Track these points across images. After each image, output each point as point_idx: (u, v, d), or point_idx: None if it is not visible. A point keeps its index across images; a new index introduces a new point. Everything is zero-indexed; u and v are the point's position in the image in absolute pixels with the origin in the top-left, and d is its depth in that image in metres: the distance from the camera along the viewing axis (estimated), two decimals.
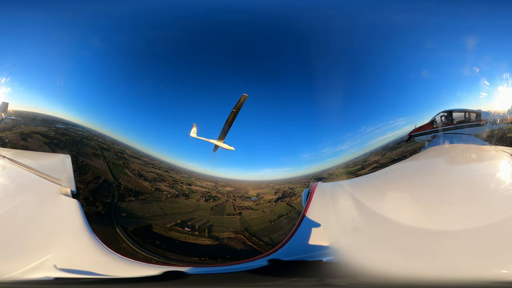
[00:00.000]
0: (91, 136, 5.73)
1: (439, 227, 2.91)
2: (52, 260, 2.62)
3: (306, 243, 3.02)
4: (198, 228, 5.32)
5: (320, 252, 2.88)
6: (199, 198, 5.88)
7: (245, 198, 5.95)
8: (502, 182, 3.58)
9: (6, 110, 5.10)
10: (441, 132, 5.11)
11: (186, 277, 2.84)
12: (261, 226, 5.60)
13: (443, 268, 2.51)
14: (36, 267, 2.55)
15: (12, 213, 3.14)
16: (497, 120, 4.86)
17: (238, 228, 5.45)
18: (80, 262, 2.76)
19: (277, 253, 2.95)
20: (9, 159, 4.15)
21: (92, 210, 4.84)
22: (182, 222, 5.30)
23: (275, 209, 5.91)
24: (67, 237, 3.02)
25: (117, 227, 4.75)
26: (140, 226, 5.00)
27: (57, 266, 2.58)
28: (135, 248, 4.55)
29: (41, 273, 2.53)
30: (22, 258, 2.60)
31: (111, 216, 4.96)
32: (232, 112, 5.22)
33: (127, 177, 5.69)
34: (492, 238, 2.74)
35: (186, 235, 5.15)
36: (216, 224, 5.50)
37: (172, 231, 5.13)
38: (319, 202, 3.55)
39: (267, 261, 2.89)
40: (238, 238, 5.27)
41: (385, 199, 3.61)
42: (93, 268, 2.72)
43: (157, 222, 5.14)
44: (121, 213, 5.12)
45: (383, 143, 5.68)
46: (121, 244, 4.51)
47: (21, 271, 2.49)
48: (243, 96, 5.03)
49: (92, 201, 4.99)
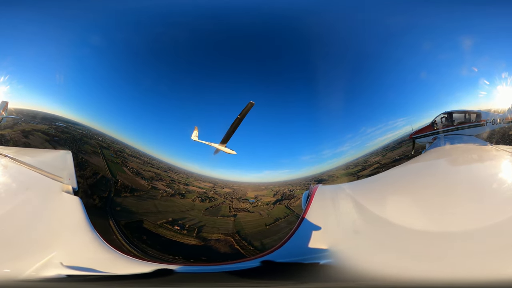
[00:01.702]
0: (91, 134, 5.83)
1: (442, 228, 2.91)
2: (57, 258, 2.66)
3: (303, 245, 3.03)
4: (188, 227, 5.33)
5: (317, 255, 2.86)
6: (195, 198, 5.88)
7: (242, 199, 5.93)
8: (504, 182, 3.56)
9: (6, 109, 5.18)
10: (442, 134, 5.09)
11: (178, 275, 2.84)
12: (255, 230, 5.57)
13: (446, 270, 2.51)
14: (43, 266, 2.59)
15: (14, 211, 3.20)
16: (497, 120, 4.89)
17: (229, 231, 5.43)
18: (84, 260, 2.78)
19: (271, 255, 2.94)
20: (10, 157, 4.20)
21: (90, 202, 4.97)
22: (173, 221, 5.32)
23: (272, 212, 5.88)
24: (71, 235, 3.07)
25: (111, 220, 4.88)
26: (132, 221, 5.10)
27: (64, 264, 2.60)
28: (122, 241, 4.64)
29: (48, 272, 2.57)
30: (27, 257, 2.65)
31: (106, 209, 5.07)
32: (237, 118, 5.27)
33: (124, 175, 5.76)
34: (496, 238, 2.71)
35: (174, 233, 5.19)
36: (208, 225, 5.50)
37: (161, 228, 5.19)
38: (319, 204, 3.57)
39: (260, 262, 2.88)
40: (227, 240, 5.25)
41: (387, 202, 3.61)
42: (97, 265, 2.76)
43: (148, 218, 5.21)
44: (116, 207, 5.22)
45: (383, 143, 5.66)
46: (112, 236, 4.60)
47: (29, 270, 2.53)
48: (250, 103, 5.09)
49: (90, 195, 5.13)
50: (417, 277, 2.51)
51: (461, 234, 2.81)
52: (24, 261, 2.57)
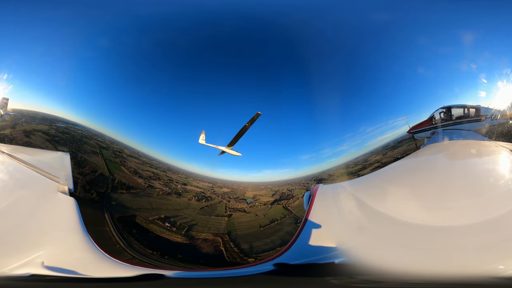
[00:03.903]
0: (90, 135, 5.97)
1: (440, 223, 2.90)
2: (41, 258, 2.70)
3: (313, 245, 3.01)
4: (178, 225, 5.39)
5: (331, 254, 2.87)
6: (191, 197, 5.93)
7: (240, 200, 5.94)
8: (502, 178, 3.56)
9: (6, 107, 5.28)
10: (440, 129, 5.08)
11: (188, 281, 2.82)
12: (248, 231, 5.55)
13: (446, 264, 2.51)
14: (24, 264, 2.63)
15: (8, 209, 3.22)
16: (497, 116, 4.90)
17: (220, 231, 5.43)
18: (69, 260, 2.80)
19: (282, 256, 2.93)
20: (8, 154, 4.26)
21: (87, 196, 5.18)
22: (165, 218, 5.40)
23: (269, 213, 5.86)
24: (61, 235, 3.08)
25: (106, 213, 5.07)
26: (125, 215, 5.26)
27: (45, 264, 2.62)
28: (114, 234, 4.78)
29: (27, 270, 2.61)
30: (14, 255, 2.68)
31: (102, 203, 5.26)
32: (245, 126, 5.50)
33: (122, 173, 5.87)
34: (493, 233, 2.71)
35: (163, 230, 5.27)
36: (200, 224, 5.53)
37: (152, 224, 5.29)
38: (321, 204, 3.59)
39: (273, 265, 2.87)
40: (214, 241, 5.26)
41: (387, 198, 3.66)
42: (80, 267, 2.75)
43: (141, 214, 5.33)
44: (111, 202, 5.38)
45: (382, 142, 5.66)
46: (105, 227, 4.79)
47: (10, 267, 2.57)
48: (257, 114, 5.37)
49: (88, 189, 5.33)
50: (421, 270, 2.52)
51: (458, 229, 2.80)
52: (11, 258, 2.58)
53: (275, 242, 5.32)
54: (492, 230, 2.71)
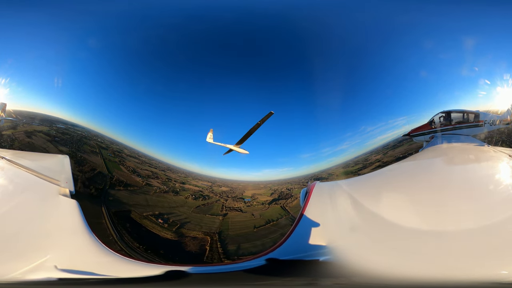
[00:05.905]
0: (90, 136, 6.13)
1: (436, 227, 2.91)
2: (51, 261, 2.69)
3: (303, 242, 3.06)
4: (171, 222, 5.50)
5: (317, 252, 2.88)
6: (188, 196, 6.02)
7: (237, 199, 5.99)
8: (501, 183, 3.56)
9: (5, 111, 5.37)
10: (440, 133, 5.10)
11: (185, 277, 2.86)
12: (240, 232, 5.59)
13: (440, 268, 2.52)
14: (36, 268, 2.61)
15: (11, 214, 3.24)
16: (496, 121, 4.88)
17: (212, 230, 5.50)
18: (80, 263, 2.81)
19: (275, 252, 2.96)
20: (8, 160, 4.29)
21: (86, 192, 5.41)
22: (159, 214, 5.52)
23: (266, 213, 5.92)
24: (66, 238, 3.10)
25: (103, 207, 5.24)
26: (121, 210, 5.43)
27: (58, 267, 2.63)
28: (109, 226, 4.96)
29: (41, 274, 2.59)
30: (21, 259, 2.65)
31: (100, 198, 5.45)
32: (257, 124, 5.55)
33: (120, 172, 6.02)
34: (490, 238, 2.69)
35: (155, 226, 5.39)
36: (193, 222, 5.62)
37: (145, 219, 5.42)
38: (317, 201, 3.59)
39: (265, 260, 2.90)
40: (203, 239, 5.34)
41: (383, 199, 3.65)
42: (93, 268, 2.77)
43: (136, 210, 5.47)
44: (109, 197, 5.55)
45: (382, 142, 5.76)
46: (101, 220, 5.00)
47: (21, 272, 2.56)
48: (270, 112, 5.43)
49: (87, 185, 5.52)
50: (412, 274, 2.51)
51: (453, 233, 2.79)
52: (19, 263, 2.61)
53: (266, 245, 5.36)
54: (489, 235, 2.70)
